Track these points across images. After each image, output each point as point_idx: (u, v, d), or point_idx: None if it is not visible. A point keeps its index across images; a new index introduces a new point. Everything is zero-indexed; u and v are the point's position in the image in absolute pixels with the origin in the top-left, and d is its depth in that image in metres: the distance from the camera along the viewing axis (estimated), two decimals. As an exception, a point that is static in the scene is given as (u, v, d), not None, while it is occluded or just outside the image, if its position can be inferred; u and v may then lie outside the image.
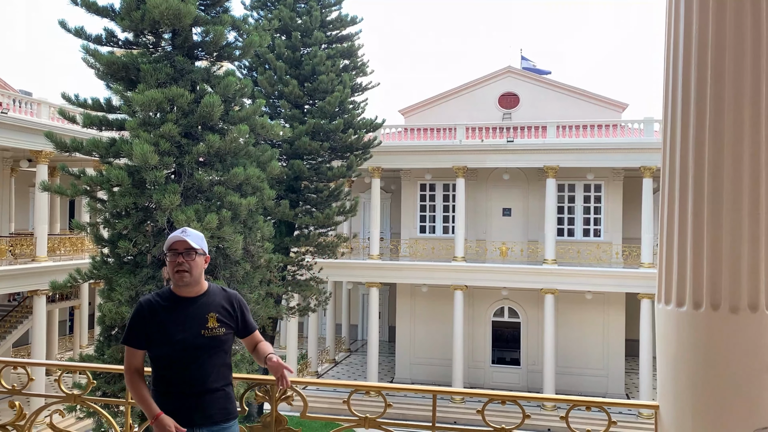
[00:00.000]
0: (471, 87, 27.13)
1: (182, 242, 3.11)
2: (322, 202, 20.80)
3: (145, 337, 3.11)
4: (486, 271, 23.23)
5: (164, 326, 3.10)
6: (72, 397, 3.75)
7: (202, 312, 3.13)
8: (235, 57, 15.39)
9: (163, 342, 3.09)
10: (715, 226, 2.70)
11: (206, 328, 3.10)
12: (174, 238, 3.14)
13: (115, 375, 12.99)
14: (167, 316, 3.12)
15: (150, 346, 3.12)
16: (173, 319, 3.11)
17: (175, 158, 13.45)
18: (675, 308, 2.83)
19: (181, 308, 3.14)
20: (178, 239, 3.11)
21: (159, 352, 3.11)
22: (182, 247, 3.11)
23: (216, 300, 3.19)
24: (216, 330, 3.12)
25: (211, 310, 3.14)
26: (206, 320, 3.11)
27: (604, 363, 24.04)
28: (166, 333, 3.09)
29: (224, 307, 3.19)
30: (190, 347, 3.06)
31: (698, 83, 2.76)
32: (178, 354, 3.06)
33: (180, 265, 3.10)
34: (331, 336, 28.48)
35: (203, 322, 3.11)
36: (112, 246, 13.81)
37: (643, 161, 21.90)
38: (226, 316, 3.17)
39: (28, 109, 18.99)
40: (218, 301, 3.19)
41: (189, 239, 3.12)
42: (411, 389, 3.59)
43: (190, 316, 3.12)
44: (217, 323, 3.12)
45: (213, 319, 3.12)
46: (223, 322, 3.15)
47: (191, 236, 3.14)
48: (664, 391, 2.95)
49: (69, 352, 26.47)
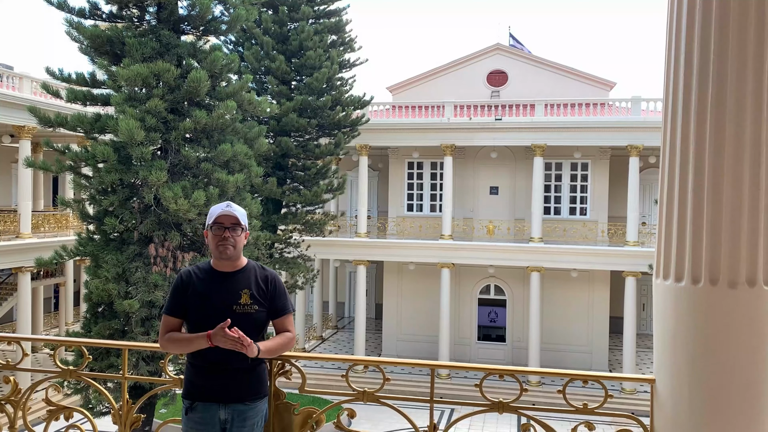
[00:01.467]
0: (460, 64, 26.98)
1: (230, 216, 3.09)
2: (310, 180, 20.70)
3: (181, 307, 3.13)
4: (473, 249, 23.34)
5: (200, 298, 3.11)
6: (67, 372, 3.72)
7: (237, 287, 3.11)
8: (222, 31, 15.16)
9: (197, 314, 3.10)
10: (715, 201, 2.71)
11: (238, 304, 3.09)
12: (221, 211, 3.10)
13: (102, 352, 12.97)
14: (204, 288, 3.12)
15: (187, 317, 3.14)
16: (209, 292, 3.11)
17: (161, 134, 13.29)
18: (673, 283, 2.85)
19: (218, 282, 3.13)
20: (226, 213, 3.09)
21: (194, 324, 3.11)
22: (229, 222, 3.10)
23: (252, 277, 3.17)
24: (248, 307, 3.09)
25: (246, 287, 3.12)
26: (239, 296, 3.10)
27: (588, 340, 24.36)
28: (201, 305, 3.10)
29: (259, 284, 3.15)
30: (221, 322, 3.04)
31: (701, 57, 2.75)
32: (210, 327, 3.05)
33: (225, 240, 3.08)
34: (319, 313, 28.57)
35: (236, 297, 3.09)
36: (98, 223, 13.69)
37: (630, 140, 22.01)
38: (260, 293, 3.14)
39: (10, 83, 18.63)
40: (254, 278, 3.16)
41: (237, 214, 3.09)
42: (410, 363, 3.60)
43: (225, 290, 3.11)
44: (249, 300, 3.10)
45: (246, 295, 3.10)
46: (256, 299, 3.12)
47: (238, 211, 3.12)
48: (661, 366, 2.98)
49: (55, 330, 26.33)
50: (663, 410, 2.99)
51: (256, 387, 3.16)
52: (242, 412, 3.11)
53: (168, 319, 3.16)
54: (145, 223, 13.20)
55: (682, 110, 2.82)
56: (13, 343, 3.77)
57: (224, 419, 3.10)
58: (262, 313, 3.15)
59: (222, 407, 3.09)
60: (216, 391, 3.06)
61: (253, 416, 3.14)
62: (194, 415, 3.11)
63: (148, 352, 12.80)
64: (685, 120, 2.80)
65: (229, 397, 3.06)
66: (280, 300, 3.20)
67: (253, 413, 3.14)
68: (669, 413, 2.93)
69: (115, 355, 12.81)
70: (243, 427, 3.11)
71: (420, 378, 20.90)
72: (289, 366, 3.45)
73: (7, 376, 3.85)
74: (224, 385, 3.04)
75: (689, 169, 2.78)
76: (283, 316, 3.23)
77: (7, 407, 3.80)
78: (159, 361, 12.78)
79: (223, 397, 3.05)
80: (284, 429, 3.47)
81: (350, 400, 3.45)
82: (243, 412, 3.11)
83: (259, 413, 3.19)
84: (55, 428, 3.82)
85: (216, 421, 3.09)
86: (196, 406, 3.11)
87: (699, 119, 2.76)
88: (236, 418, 3.10)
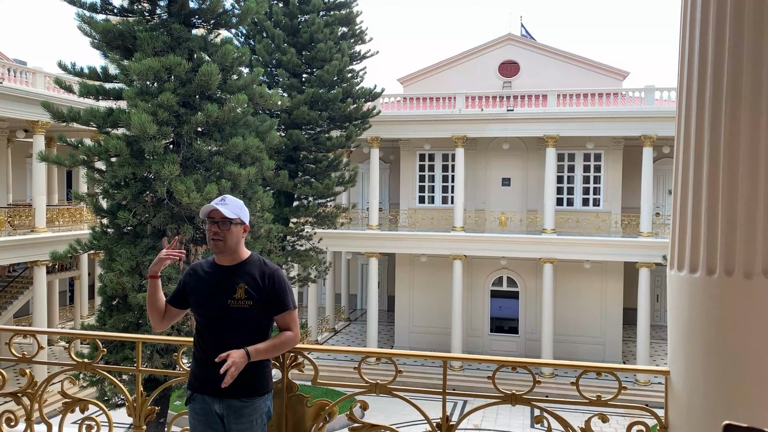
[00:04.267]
0: (471, 55, 26.82)
1: (216, 211, 3.08)
2: (321, 173, 20.72)
3: (179, 296, 3.24)
4: (485, 241, 23.27)
5: (200, 292, 3.15)
6: (83, 365, 3.76)
7: (233, 282, 3.10)
8: (232, 24, 15.17)
9: (197, 307, 3.16)
10: (730, 190, 2.67)
11: (233, 298, 3.07)
12: (210, 207, 3.11)
13: (117, 345, 13.09)
14: (204, 281, 3.15)
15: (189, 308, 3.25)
16: (208, 285, 3.13)
17: (173, 128, 13.34)
18: (688, 274, 2.82)
19: (217, 276, 3.14)
20: (214, 208, 3.09)
21: (196, 316, 3.18)
22: (218, 217, 3.09)
23: (251, 271, 3.13)
24: (242, 302, 3.06)
25: (242, 281, 3.09)
26: (234, 290, 3.08)
27: (601, 331, 24.26)
28: (200, 299, 3.15)
29: (255, 279, 3.11)
30: (217, 316, 3.07)
31: (716, 45, 2.71)
32: (207, 321, 3.10)
33: (215, 234, 3.09)
34: (331, 305, 28.65)
35: (231, 292, 3.08)
36: (111, 216, 13.78)
37: (644, 130, 21.80)
38: (255, 289, 3.09)
39: (24, 79, 18.76)
40: (252, 273, 3.12)
41: (224, 209, 3.08)
42: (422, 356, 3.60)
43: (222, 284, 3.11)
44: (244, 295, 3.07)
45: (241, 290, 3.07)
46: (251, 294, 3.08)
47: (228, 205, 3.11)
48: (676, 357, 2.96)
49: (70, 323, 26.62)
50: (677, 402, 2.97)
51: (251, 385, 3.09)
52: (237, 408, 3.07)
53: (168, 308, 3.30)
54: (158, 217, 13.27)
55: (697, 99, 2.78)
56: (29, 336, 3.81)
57: (220, 413, 3.09)
58: (257, 308, 3.09)
59: (217, 401, 3.07)
60: (211, 384, 3.04)
61: (250, 413, 3.08)
62: (194, 405, 3.13)
63: (162, 345, 12.91)
64: (700, 109, 2.77)
65: (222, 391, 3.00)
66: (280, 296, 3.13)
67: (250, 410, 3.08)
68: (683, 405, 2.91)
69: (130, 347, 12.91)
70: (240, 423, 3.07)
71: (432, 370, 20.93)
72: (302, 358, 3.46)
73: (23, 369, 3.89)
74: (219, 379, 2.96)
75: (704, 159, 2.75)
76: (283, 313, 3.16)
77: (23, 399, 3.85)
78: (173, 353, 12.87)
79: (217, 390, 3.00)
80: (297, 421, 3.48)
81: (363, 392, 3.45)
82: (238, 408, 3.07)
83: (258, 410, 3.11)
84: (70, 420, 3.87)
85: (213, 413, 3.09)
86: (195, 397, 3.13)
87: (714, 108, 2.72)
88: (231, 413, 3.06)
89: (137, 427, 3.74)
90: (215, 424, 3.10)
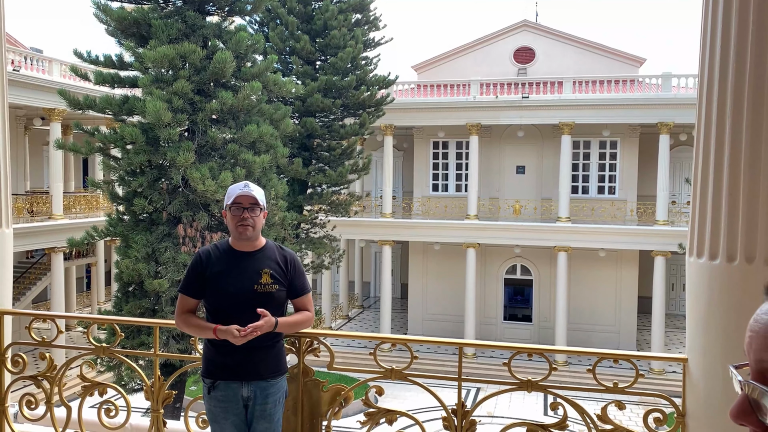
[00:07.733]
0: (486, 41, 26.60)
1: (248, 197, 3.12)
2: (335, 160, 20.71)
3: (199, 287, 3.17)
4: (499, 229, 23.19)
5: (219, 278, 3.13)
6: (101, 349, 3.80)
7: (257, 267, 3.15)
8: (246, 12, 15.16)
9: (217, 294, 3.13)
10: (752, 176, 2.64)
11: (259, 283, 3.12)
12: (239, 191, 3.13)
13: (133, 330, 13.23)
14: (223, 268, 3.15)
15: (205, 296, 3.18)
16: (228, 271, 3.14)
17: (188, 115, 13.38)
18: (708, 261, 2.79)
19: (237, 262, 3.16)
20: (245, 194, 3.12)
21: (214, 304, 3.16)
22: (247, 202, 3.12)
23: (271, 256, 3.21)
24: (269, 286, 3.13)
25: (266, 267, 3.16)
26: (260, 276, 3.13)
27: (615, 319, 24.15)
28: (221, 285, 3.13)
29: (278, 264, 3.19)
30: (242, 302, 3.09)
31: (739, 30, 2.66)
32: (231, 308, 3.10)
33: (244, 220, 3.11)
34: (344, 293, 28.75)
35: (257, 277, 3.13)
36: (127, 203, 13.89)
37: (660, 117, 21.55)
38: (279, 273, 3.18)
39: (40, 67, 18.89)
40: (273, 258, 3.20)
41: (255, 194, 3.12)
42: (437, 342, 3.61)
43: (246, 270, 3.14)
44: (270, 279, 3.14)
45: (267, 275, 3.14)
46: (276, 279, 3.16)
47: (256, 191, 3.15)
48: (694, 345, 2.94)
49: (87, 308, 26.94)
50: (695, 390, 2.95)
51: (275, 364, 3.19)
52: (264, 388, 3.14)
53: (184, 299, 3.19)
54: (174, 204, 13.36)
55: (719, 85, 2.74)
56: (48, 320, 3.86)
57: (247, 396, 3.13)
58: (282, 292, 3.18)
59: (244, 385, 3.12)
60: (236, 369, 3.10)
61: (274, 392, 3.17)
62: (217, 393, 3.15)
63: (178, 331, 12.99)
64: (722, 95, 2.73)
65: (249, 374, 3.10)
66: (299, 279, 3.25)
67: (274, 390, 3.17)
68: (701, 393, 2.89)
69: (146, 333, 13.05)
70: (266, 404, 3.14)
71: (446, 357, 20.97)
72: (318, 343, 3.48)
73: (42, 353, 3.94)
74: (244, 362, 3.07)
75: (725, 145, 2.71)
76: (303, 296, 3.28)
77: (43, 383, 3.90)
78: (189, 339, 13.01)
79: (244, 374, 3.09)
80: (313, 405, 3.51)
81: (378, 378, 3.46)
82: (265, 388, 3.14)
83: (280, 389, 3.22)
84: (89, 404, 3.92)
85: (239, 398, 3.13)
86: (218, 385, 3.15)
87: (737, 93, 2.67)
88: (259, 395, 3.13)
89: (155, 410, 3.79)
90: (238, 410, 3.14)
